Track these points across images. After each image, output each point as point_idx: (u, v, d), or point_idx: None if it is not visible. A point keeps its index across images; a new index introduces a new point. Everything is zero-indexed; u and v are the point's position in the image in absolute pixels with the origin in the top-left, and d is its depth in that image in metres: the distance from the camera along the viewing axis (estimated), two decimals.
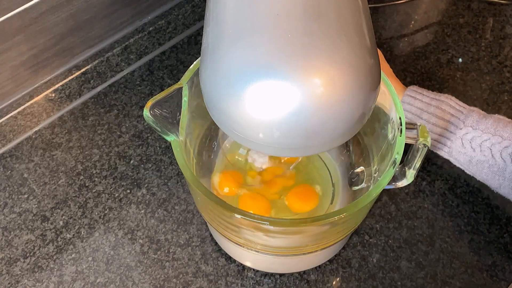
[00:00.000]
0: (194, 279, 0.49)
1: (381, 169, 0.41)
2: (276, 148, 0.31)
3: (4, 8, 0.52)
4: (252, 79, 0.28)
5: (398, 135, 0.38)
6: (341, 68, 0.28)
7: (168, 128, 0.38)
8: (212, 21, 0.32)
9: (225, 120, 0.31)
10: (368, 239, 0.51)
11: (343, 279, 0.49)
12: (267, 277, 0.49)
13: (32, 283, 0.49)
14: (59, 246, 0.51)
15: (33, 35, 0.56)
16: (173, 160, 0.56)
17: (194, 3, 0.69)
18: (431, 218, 0.52)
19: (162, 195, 0.54)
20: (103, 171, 0.56)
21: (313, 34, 0.29)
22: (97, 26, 0.62)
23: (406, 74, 0.64)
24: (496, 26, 0.69)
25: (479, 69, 0.64)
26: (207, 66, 0.31)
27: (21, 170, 0.56)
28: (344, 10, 0.30)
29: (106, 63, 0.64)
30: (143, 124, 0.59)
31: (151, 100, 0.38)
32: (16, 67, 0.58)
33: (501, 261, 0.50)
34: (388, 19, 0.69)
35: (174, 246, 0.51)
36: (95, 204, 0.54)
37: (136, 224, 0.52)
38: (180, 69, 0.64)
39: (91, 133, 0.59)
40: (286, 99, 0.28)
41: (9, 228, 0.52)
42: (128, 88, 0.62)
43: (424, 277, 0.49)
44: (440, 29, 0.68)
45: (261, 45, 0.29)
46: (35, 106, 0.60)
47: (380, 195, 0.53)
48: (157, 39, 0.66)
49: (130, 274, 0.49)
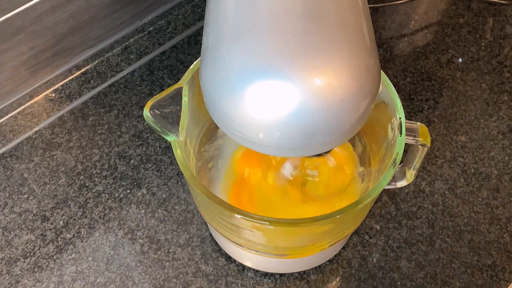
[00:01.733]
0: (194, 279, 0.49)
1: (381, 169, 0.41)
2: (276, 148, 0.31)
3: (4, 8, 0.52)
4: (252, 79, 0.28)
5: (398, 135, 0.38)
6: (341, 68, 0.28)
7: (168, 128, 0.38)
8: (212, 21, 0.32)
9: (225, 120, 0.31)
10: (368, 239, 0.51)
11: (343, 279, 0.49)
12: (267, 277, 0.49)
13: (32, 283, 0.49)
14: (59, 246, 0.51)
15: (33, 35, 0.56)
16: (173, 160, 0.56)
17: (194, 3, 0.69)
18: (431, 218, 0.52)
19: (162, 195, 0.54)
20: (103, 171, 0.56)
21: (313, 34, 0.29)
22: (97, 26, 0.62)
23: (406, 74, 0.64)
24: (496, 26, 0.69)
25: (479, 69, 0.64)
26: (207, 66, 0.31)
27: (21, 170, 0.56)
28: (344, 10, 0.30)
29: (106, 63, 0.64)
30: (143, 124, 0.59)
31: (151, 100, 0.38)
32: (16, 67, 0.58)
33: (501, 261, 0.50)
34: (388, 19, 0.69)
35: (174, 246, 0.51)
36: (95, 204, 0.54)
37: (136, 224, 0.52)
38: (180, 69, 0.64)
39: (91, 133, 0.59)
40: (286, 99, 0.28)
41: (9, 228, 0.52)
42: (128, 88, 0.62)
43: (424, 277, 0.49)
44: (440, 29, 0.68)
45: (261, 45, 0.29)
46: (35, 106, 0.60)
47: (380, 195, 0.53)
48: (157, 39, 0.66)
49: (130, 274, 0.49)
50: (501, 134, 0.58)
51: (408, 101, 0.61)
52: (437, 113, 0.60)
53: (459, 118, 0.60)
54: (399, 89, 0.62)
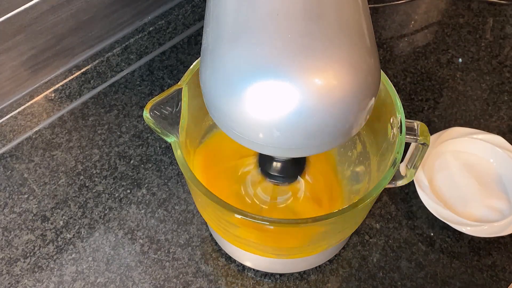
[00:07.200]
0: (194, 279, 0.49)
1: (381, 169, 0.41)
2: (276, 148, 0.31)
3: (4, 8, 0.52)
4: (252, 79, 0.28)
5: (398, 134, 0.38)
6: (341, 68, 0.28)
7: (168, 129, 0.38)
8: (212, 21, 0.32)
9: (225, 120, 0.31)
10: (368, 239, 0.51)
11: (343, 279, 0.49)
12: (267, 277, 0.49)
13: (32, 283, 0.49)
14: (59, 246, 0.51)
15: (33, 35, 0.56)
16: (173, 160, 0.56)
17: (194, 3, 0.69)
18: (431, 218, 0.52)
19: (162, 195, 0.54)
20: (103, 171, 0.56)
21: (313, 34, 0.29)
22: (97, 26, 0.62)
23: (406, 74, 0.64)
24: (496, 26, 0.69)
25: (479, 69, 0.64)
26: (207, 66, 0.31)
27: (21, 170, 0.56)
28: (344, 10, 0.30)
29: (106, 63, 0.64)
30: (143, 124, 0.59)
31: (151, 102, 0.38)
32: (16, 67, 0.57)
33: (501, 261, 0.50)
34: (388, 19, 0.69)
35: (174, 246, 0.51)
36: (95, 204, 0.54)
37: (136, 224, 0.52)
38: (180, 69, 0.64)
39: (91, 133, 0.59)
40: (286, 99, 0.28)
41: (9, 228, 0.52)
42: (128, 88, 0.62)
43: (424, 277, 0.49)
44: (440, 29, 0.68)
45: (261, 45, 0.29)
46: (35, 106, 0.60)
47: (380, 195, 0.53)
48: (157, 39, 0.66)
49: (130, 274, 0.49)
50: (501, 134, 0.58)
51: (408, 101, 0.61)
52: (437, 113, 0.60)
53: (459, 118, 0.60)
54: (399, 89, 0.62)
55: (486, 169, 0.54)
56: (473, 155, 0.55)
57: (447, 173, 0.54)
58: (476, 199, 0.52)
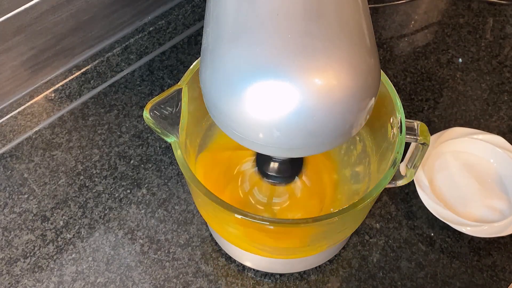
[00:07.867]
0: (194, 279, 0.49)
1: (381, 169, 0.41)
2: (276, 148, 0.31)
3: (4, 8, 0.52)
4: (252, 79, 0.28)
5: (398, 134, 0.38)
6: (341, 68, 0.28)
7: (168, 129, 0.38)
8: (212, 21, 0.32)
9: (225, 120, 0.31)
10: (368, 239, 0.51)
11: (343, 279, 0.49)
12: (267, 277, 0.49)
13: (32, 283, 0.49)
14: (59, 246, 0.51)
15: (33, 35, 0.56)
16: (173, 160, 0.56)
17: (194, 3, 0.69)
18: (431, 218, 0.52)
19: (162, 195, 0.54)
20: (103, 171, 0.56)
21: (313, 34, 0.29)
22: (97, 26, 0.62)
23: (406, 74, 0.64)
24: (496, 26, 0.69)
25: (479, 69, 0.64)
26: (207, 66, 0.31)
27: (21, 170, 0.56)
28: (344, 10, 0.30)
29: (106, 63, 0.64)
30: (143, 124, 0.59)
31: (151, 102, 0.38)
32: (16, 67, 0.57)
33: (501, 261, 0.50)
34: (388, 19, 0.69)
35: (174, 246, 0.51)
36: (95, 204, 0.54)
37: (136, 224, 0.52)
38: (180, 69, 0.64)
39: (91, 133, 0.59)
40: (286, 99, 0.28)
41: (9, 228, 0.52)
42: (128, 88, 0.62)
43: (424, 277, 0.49)
44: (440, 29, 0.68)
45: (261, 45, 0.29)
46: (35, 106, 0.60)
47: (380, 195, 0.53)
48: (157, 39, 0.66)
49: (130, 274, 0.49)
50: (501, 134, 0.58)
51: (408, 101, 0.61)
52: (437, 113, 0.60)
53: (459, 118, 0.60)
54: (399, 89, 0.62)
55: (486, 169, 0.54)
56: (473, 155, 0.55)
57: (447, 173, 0.54)
58: (476, 199, 0.52)
